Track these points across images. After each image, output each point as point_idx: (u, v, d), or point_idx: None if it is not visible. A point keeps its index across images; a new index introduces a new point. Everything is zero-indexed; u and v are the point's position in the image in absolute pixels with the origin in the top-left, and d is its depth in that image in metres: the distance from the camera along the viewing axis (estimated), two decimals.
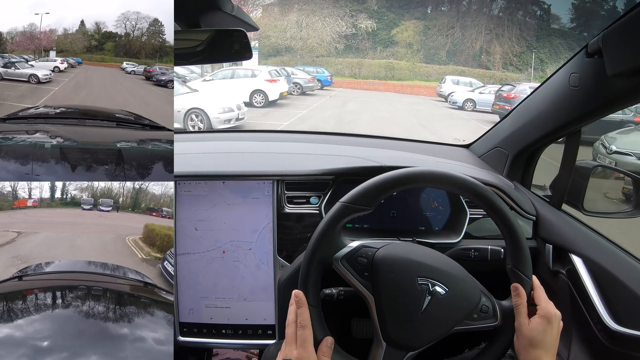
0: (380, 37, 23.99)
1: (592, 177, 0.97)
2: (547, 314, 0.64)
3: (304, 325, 0.63)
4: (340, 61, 22.71)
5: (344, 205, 0.67)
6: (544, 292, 0.67)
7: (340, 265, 0.66)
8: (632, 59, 0.67)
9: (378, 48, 23.68)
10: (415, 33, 23.71)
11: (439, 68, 22.15)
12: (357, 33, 23.66)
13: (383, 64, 22.68)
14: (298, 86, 14.34)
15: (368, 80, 20.53)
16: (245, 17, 0.73)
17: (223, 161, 1.07)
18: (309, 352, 0.62)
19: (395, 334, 0.64)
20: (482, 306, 0.65)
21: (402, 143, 1.36)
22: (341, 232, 0.68)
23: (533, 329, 0.63)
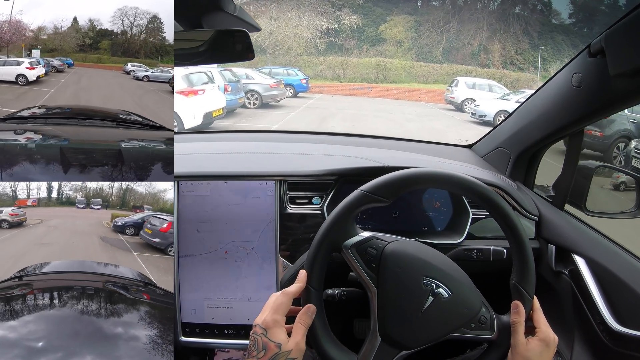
0: (367, 34, 20.29)
1: (594, 177, 0.98)
2: (546, 338, 0.64)
3: (287, 292, 0.62)
4: (321, 60, 18.89)
5: (363, 193, 0.66)
6: (543, 314, 0.67)
7: (349, 252, 0.65)
8: (634, 58, 0.66)
9: (364, 47, 19.90)
10: (406, 29, 20.11)
11: (440, 67, 18.88)
12: (340, 30, 19.76)
13: (372, 63, 18.85)
14: (255, 95, 10.00)
15: (355, 84, 16.86)
16: (247, 17, 0.73)
17: (225, 161, 1.07)
18: (277, 319, 0.60)
19: (392, 330, 0.63)
20: (481, 317, 0.64)
21: (405, 143, 1.36)
22: (355, 220, 0.67)
23: (530, 349, 0.63)
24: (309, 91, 13.91)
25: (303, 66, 17.42)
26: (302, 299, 0.64)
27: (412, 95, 15.19)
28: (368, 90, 15.88)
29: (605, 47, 0.71)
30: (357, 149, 1.21)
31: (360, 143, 1.35)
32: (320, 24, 19.17)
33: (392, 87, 16.67)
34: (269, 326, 0.59)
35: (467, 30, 19.70)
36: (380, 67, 18.78)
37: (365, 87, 16.47)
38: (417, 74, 18.88)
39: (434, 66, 19.08)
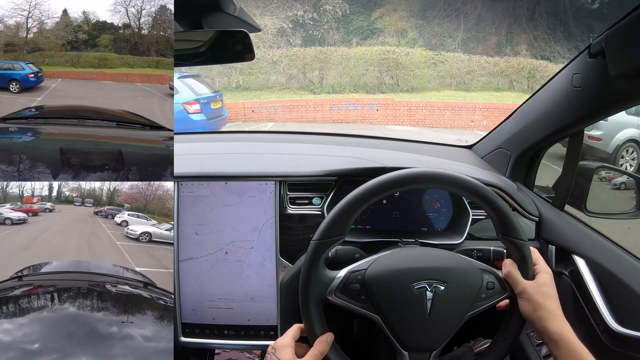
0: (356, 23, 13.36)
1: (594, 177, 0.98)
2: (547, 269, 0.68)
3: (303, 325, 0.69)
4: (300, 52, 11.56)
5: (317, 243, 0.67)
6: (536, 251, 0.71)
7: (335, 298, 0.67)
8: (635, 59, 0.66)
9: (353, 40, 12.72)
10: (410, 15, 13.03)
11: (488, 62, 11.01)
12: (320, 19, 13.04)
13: (374, 57, 11.01)
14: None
15: (342, 99, 9.43)
16: (247, 18, 0.73)
17: (225, 162, 1.07)
18: (286, 342, 0.66)
19: (411, 341, 0.65)
20: (487, 283, 0.66)
21: (405, 144, 1.36)
22: (325, 267, 0.68)
23: (542, 284, 0.66)
24: (255, 119, 8.86)
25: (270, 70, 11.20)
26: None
27: (458, 119, 8.46)
28: (370, 111, 8.84)
29: (606, 48, 0.71)
30: (357, 149, 1.21)
31: (360, 144, 1.35)
32: (293, 11, 12.83)
33: (418, 100, 9.27)
34: (277, 346, 0.66)
35: (490, 15, 12.74)
36: (388, 63, 10.89)
37: (362, 103, 8.98)
38: (447, 72, 11.01)
39: (478, 59, 11.24)
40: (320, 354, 0.65)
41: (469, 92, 10.50)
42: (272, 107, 9.24)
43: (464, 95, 10.19)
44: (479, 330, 0.91)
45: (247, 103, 9.42)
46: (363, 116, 8.96)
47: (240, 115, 9.12)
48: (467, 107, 8.87)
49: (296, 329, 0.69)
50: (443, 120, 8.75)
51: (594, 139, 5.00)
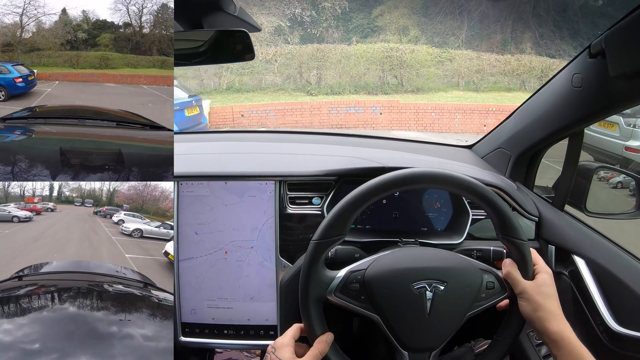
0: (356, 22, 12.88)
1: (594, 177, 0.98)
2: (547, 269, 0.68)
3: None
4: (296, 49, 10.76)
5: (316, 243, 0.67)
6: (535, 252, 0.71)
7: (335, 297, 0.67)
8: (635, 59, 0.67)
9: (353, 38, 12.07)
10: (412, 12, 12.65)
11: (498, 59, 10.23)
12: (318, 18, 12.70)
13: (375, 54, 10.15)
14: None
15: (341, 101, 8.50)
16: (247, 18, 0.73)
17: (225, 161, 1.07)
18: (285, 342, 0.66)
19: (411, 341, 0.65)
20: (487, 283, 0.67)
21: (405, 144, 1.36)
22: (324, 267, 0.68)
23: (542, 283, 0.66)
24: (244, 125, 8.11)
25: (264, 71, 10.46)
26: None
27: (470, 123, 7.62)
28: (373, 114, 7.97)
29: (606, 48, 0.71)
30: (358, 149, 1.21)
31: (360, 143, 1.35)
32: (291, 9, 12.35)
33: (425, 102, 8.41)
34: (277, 346, 0.67)
35: (494, 13, 12.48)
36: (391, 61, 10.00)
37: (364, 106, 8.07)
38: (455, 71, 10.36)
39: (488, 57, 10.39)
40: (320, 353, 0.65)
41: (479, 93, 9.76)
42: (263, 111, 8.30)
43: (473, 96, 9.41)
44: (478, 330, 0.90)
45: (235, 107, 8.53)
46: (365, 120, 8.03)
47: (229, 120, 8.23)
48: (480, 109, 7.99)
49: (296, 329, 0.69)
50: (453, 125, 7.92)
51: (633, 150, 4.39)
